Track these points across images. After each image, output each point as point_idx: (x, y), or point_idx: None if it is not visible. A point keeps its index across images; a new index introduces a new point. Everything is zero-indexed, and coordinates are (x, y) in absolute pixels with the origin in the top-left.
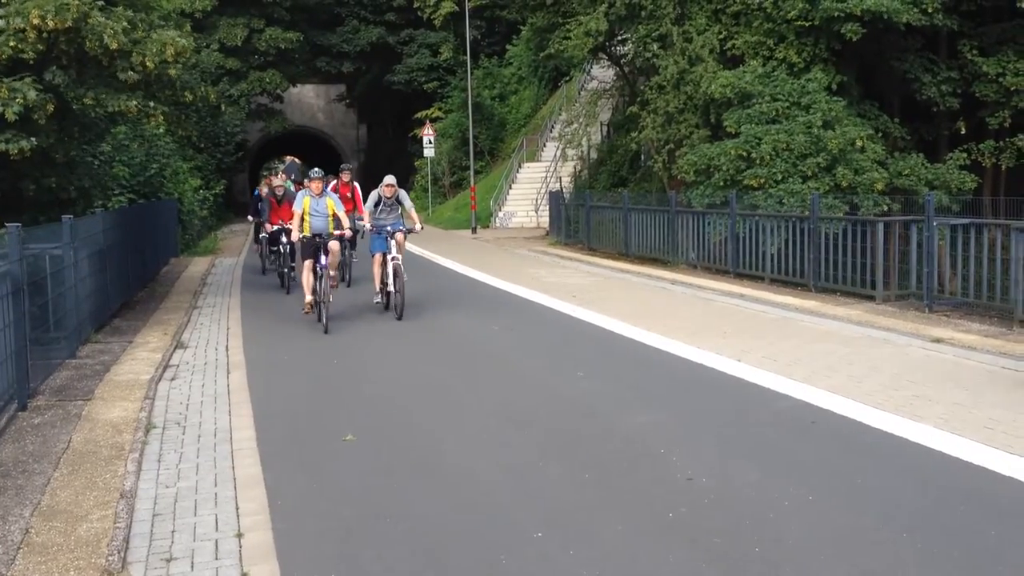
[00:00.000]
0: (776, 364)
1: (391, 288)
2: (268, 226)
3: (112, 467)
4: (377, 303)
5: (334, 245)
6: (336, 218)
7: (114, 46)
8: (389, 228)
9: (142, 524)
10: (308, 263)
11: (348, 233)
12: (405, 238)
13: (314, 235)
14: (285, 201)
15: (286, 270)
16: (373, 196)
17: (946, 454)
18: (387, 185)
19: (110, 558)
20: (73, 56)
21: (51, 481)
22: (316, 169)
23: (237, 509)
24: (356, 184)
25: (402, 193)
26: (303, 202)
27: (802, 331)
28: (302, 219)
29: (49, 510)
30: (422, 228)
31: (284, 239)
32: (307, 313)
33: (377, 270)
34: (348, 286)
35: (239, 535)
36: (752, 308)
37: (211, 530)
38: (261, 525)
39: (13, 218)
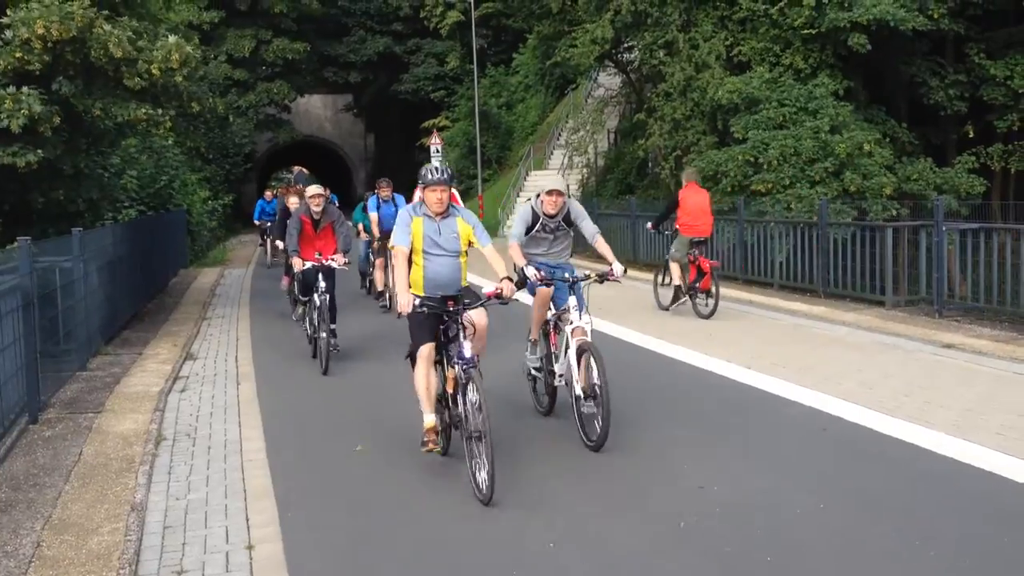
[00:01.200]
0: (786, 371)
1: (576, 387)
2: (298, 260)
3: (123, 480)
4: (541, 411)
5: (479, 319)
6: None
7: (119, 55)
8: (568, 275)
9: (153, 537)
10: (427, 350)
11: (509, 291)
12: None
13: (444, 299)
14: (327, 224)
15: (323, 335)
16: (523, 215)
17: (958, 461)
18: (552, 192)
19: (121, 571)
20: (80, 67)
21: (62, 494)
22: (432, 165)
23: (247, 521)
24: (456, 192)
25: (574, 206)
26: (411, 228)
27: (812, 337)
28: (410, 263)
29: (60, 523)
30: (625, 271)
31: (322, 284)
32: (429, 448)
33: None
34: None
35: (250, 547)
36: (761, 315)
37: (222, 542)
38: (271, 537)
39: (22, 231)
